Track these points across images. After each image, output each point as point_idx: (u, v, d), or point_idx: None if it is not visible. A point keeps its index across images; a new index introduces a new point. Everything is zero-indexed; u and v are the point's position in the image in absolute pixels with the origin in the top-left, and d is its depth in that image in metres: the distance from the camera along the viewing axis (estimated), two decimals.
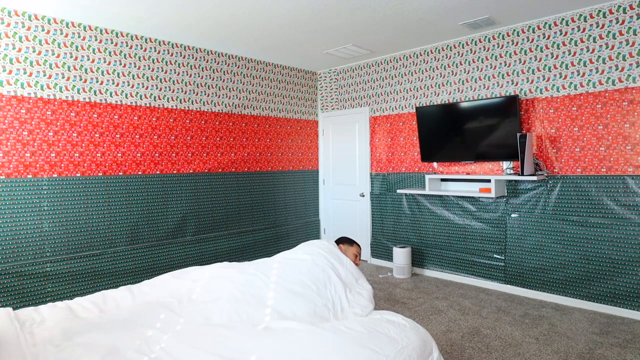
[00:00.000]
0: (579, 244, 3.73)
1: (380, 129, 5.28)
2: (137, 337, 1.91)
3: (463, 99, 4.50)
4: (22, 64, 3.55)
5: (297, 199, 5.75)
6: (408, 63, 4.98)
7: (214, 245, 4.81)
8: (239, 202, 5.05)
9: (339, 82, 5.77)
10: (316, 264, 2.51)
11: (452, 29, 4.20)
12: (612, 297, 3.57)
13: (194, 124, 4.64)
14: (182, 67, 4.56)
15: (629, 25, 3.46)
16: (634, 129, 3.45)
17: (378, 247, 5.35)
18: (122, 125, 4.11)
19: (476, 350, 2.91)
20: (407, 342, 1.89)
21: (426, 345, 1.96)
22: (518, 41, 4.08)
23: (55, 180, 3.71)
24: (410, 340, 1.91)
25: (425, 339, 1.99)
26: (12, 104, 3.49)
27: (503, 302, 3.88)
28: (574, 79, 3.76)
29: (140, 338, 1.91)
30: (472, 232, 4.44)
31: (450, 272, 4.65)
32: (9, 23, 3.49)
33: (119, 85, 4.09)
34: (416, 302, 3.91)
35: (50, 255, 3.67)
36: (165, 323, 2.06)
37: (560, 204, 3.84)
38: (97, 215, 3.94)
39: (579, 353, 2.87)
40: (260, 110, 5.31)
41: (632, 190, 3.47)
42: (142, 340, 1.89)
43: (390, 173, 5.19)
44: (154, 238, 4.33)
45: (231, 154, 4.97)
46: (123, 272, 4.09)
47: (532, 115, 4.00)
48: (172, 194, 4.46)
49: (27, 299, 3.53)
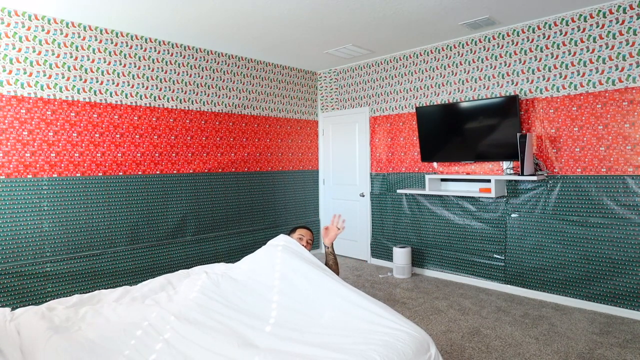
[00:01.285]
0: (579, 244, 3.73)
1: (380, 129, 5.28)
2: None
3: (463, 99, 4.50)
4: (22, 64, 3.55)
5: (297, 199, 5.75)
6: (408, 63, 4.98)
7: (214, 245, 4.81)
8: (239, 202, 5.05)
9: (339, 82, 5.77)
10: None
11: (452, 29, 4.20)
12: (612, 297, 3.57)
13: (194, 124, 4.64)
14: (182, 67, 4.56)
15: (629, 25, 3.46)
16: (634, 129, 3.45)
17: (378, 247, 5.35)
18: (122, 125, 4.11)
19: (476, 350, 2.91)
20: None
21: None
22: (518, 41, 4.08)
23: (55, 180, 3.71)
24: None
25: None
26: (12, 104, 3.49)
27: (503, 302, 3.88)
28: (574, 79, 3.76)
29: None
30: (472, 232, 4.44)
31: (450, 272, 4.65)
32: (9, 23, 3.49)
33: (119, 85, 4.09)
34: (416, 302, 3.91)
35: (50, 255, 3.67)
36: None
37: (560, 204, 3.84)
38: (97, 215, 3.94)
39: (579, 353, 2.87)
40: (260, 110, 5.31)
41: (632, 190, 3.46)
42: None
43: (390, 173, 5.19)
44: (154, 238, 4.33)
45: (231, 154, 4.97)
46: (123, 272, 4.09)
47: (532, 115, 4.00)
48: (172, 194, 4.46)
49: (27, 299, 3.53)
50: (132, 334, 1.93)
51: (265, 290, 2.31)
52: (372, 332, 1.93)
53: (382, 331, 1.93)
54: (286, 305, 2.19)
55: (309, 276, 2.32)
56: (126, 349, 1.83)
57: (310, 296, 2.22)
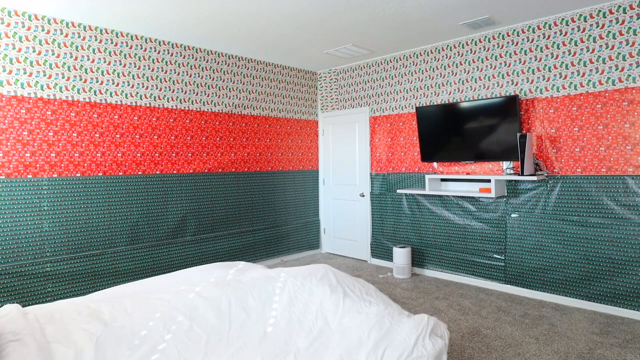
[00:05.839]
0: (579, 244, 3.73)
1: (380, 129, 5.28)
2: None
3: (463, 99, 4.50)
4: (22, 64, 3.55)
5: (297, 199, 5.75)
6: (408, 63, 4.98)
7: (214, 245, 4.81)
8: (239, 202, 5.05)
9: (339, 82, 5.77)
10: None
11: (452, 29, 4.20)
12: (612, 297, 3.57)
13: (194, 124, 4.64)
14: (182, 67, 4.56)
15: (629, 25, 3.46)
16: (634, 129, 3.45)
17: (378, 247, 5.35)
18: (122, 125, 4.11)
19: (476, 350, 2.91)
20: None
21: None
22: (518, 41, 4.08)
23: (55, 180, 3.71)
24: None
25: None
26: (12, 104, 3.49)
27: (503, 302, 3.88)
28: (574, 79, 3.76)
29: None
30: (472, 232, 4.44)
31: (450, 272, 4.65)
32: (9, 23, 3.49)
33: (119, 85, 4.09)
34: (416, 302, 3.91)
35: (50, 255, 3.67)
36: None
37: (560, 204, 3.84)
38: (97, 215, 3.94)
39: (579, 353, 2.87)
40: (260, 110, 5.31)
41: (632, 190, 3.46)
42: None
43: (390, 173, 5.19)
44: (154, 238, 4.33)
45: (231, 154, 4.97)
46: (123, 272, 4.09)
47: (532, 115, 4.00)
48: (172, 194, 4.46)
49: (27, 299, 3.53)
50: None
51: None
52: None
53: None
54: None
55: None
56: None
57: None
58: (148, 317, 2.00)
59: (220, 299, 2.19)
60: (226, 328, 2.07)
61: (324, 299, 2.29)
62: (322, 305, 2.26)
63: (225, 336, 2.03)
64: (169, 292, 2.29)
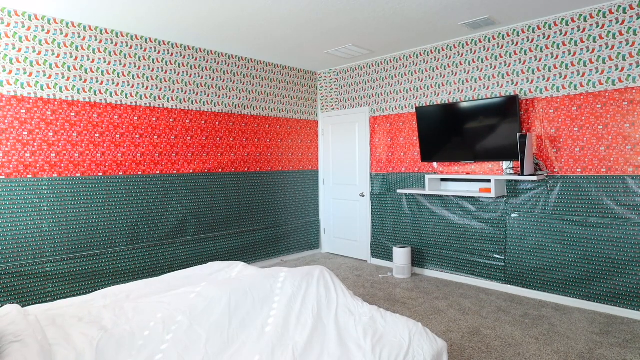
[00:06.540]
0: (579, 244, 3.73)
1: (380, 129, 5.28)
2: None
3: (463, 99, 4.50)
4: (22, 64, 3.55)
5: (297, 199, 5.76)
6: (408, 63, 4.98)
7: (214, 245, 4.81)
8: (239, 202, 5.05)
9: (339, 82, 5.77)
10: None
11: (452, 29, 4.20)
12: (612, 297, 3.57)
13: (194, 124, 4.64)
14: (182, 67, 4.56)
15: (629, 25, 3.46)
16: (634, 129, 3.45)
17: (378, 247, 5.35)
18: (122, 125, 4.11)
19: (476, 350, 2.91)
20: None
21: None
22: (518, 41, 4.08)
23: (55, 180, 3.71)
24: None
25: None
26: (12, 104, 3.49)
27: (503, 302, 3.88)
28: (574, 79, 3.76)
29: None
30: (472, 232, 4.44)
31: (450, 272, 4.65)
32: (9, 23, 3.49)
33: (119, 85, 4.09)
34: (416, 302, 3.91)
35: (50, 255, 3.67)
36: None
37: (560, 204, 3.84)
38: (97, 215, 3.94)
39: (579, 353, 2.87)
40: (260, 110, 5.31)
41: (632, 190, 3.47)
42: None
43: (390, 173, 5.19)
44: (154, 238, 4.33)
45: (231, 154, 4.97)
46: (123, 272, 4.09)
47: (532, 115, 4.00)
48: (172, 194, 4.46)
49: (27, 299, 3.53)
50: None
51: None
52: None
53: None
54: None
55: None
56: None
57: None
58: (149, 319, 2.01)
59: (221, 299, 2.20)
60: (226, 327, 2.08)
61: (320, 298, 2.40)
62: (319, 303, 2.36)
63: (226, 335, 2.04)
64: (169, 294, 2.31)
